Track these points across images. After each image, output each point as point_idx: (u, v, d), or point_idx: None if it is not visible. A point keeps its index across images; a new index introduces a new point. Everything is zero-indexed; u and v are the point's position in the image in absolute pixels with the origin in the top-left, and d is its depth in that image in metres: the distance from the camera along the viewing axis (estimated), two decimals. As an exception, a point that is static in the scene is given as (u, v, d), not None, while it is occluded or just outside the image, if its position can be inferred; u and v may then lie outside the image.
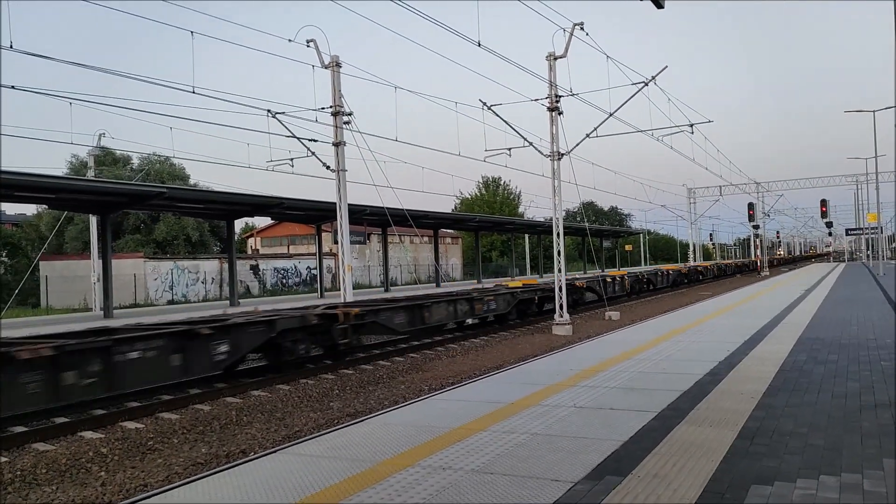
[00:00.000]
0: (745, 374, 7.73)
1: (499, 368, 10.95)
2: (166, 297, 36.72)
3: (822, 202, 56.83)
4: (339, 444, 5.38)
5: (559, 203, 19.80)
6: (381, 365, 14.29)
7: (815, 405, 6.10)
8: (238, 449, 8.22)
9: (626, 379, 7.68)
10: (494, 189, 73.46)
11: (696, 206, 63.11)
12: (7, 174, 15.29)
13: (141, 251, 39.05)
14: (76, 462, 7.90)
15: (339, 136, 19.15)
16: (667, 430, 5.34)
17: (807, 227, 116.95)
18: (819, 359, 8.64)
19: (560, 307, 19.56)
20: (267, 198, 23.15)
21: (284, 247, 55.98)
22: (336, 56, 18.82)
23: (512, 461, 4.70)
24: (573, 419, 5.86)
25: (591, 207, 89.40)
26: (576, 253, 66.81)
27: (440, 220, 33.14)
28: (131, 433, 9.15)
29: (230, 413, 10.13)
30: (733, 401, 6.32)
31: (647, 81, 19.53)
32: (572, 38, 18.39)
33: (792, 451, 4.72)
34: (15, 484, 7.24)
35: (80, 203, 20.13)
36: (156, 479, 7.17)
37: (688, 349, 9.95)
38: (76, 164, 41.05)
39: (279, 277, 45.26)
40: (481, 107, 20.10)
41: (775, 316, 14.44)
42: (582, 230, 37.61)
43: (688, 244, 68.19)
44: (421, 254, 58.00)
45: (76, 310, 30.06)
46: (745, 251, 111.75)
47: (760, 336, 11.09)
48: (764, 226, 68.28)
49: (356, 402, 10.74)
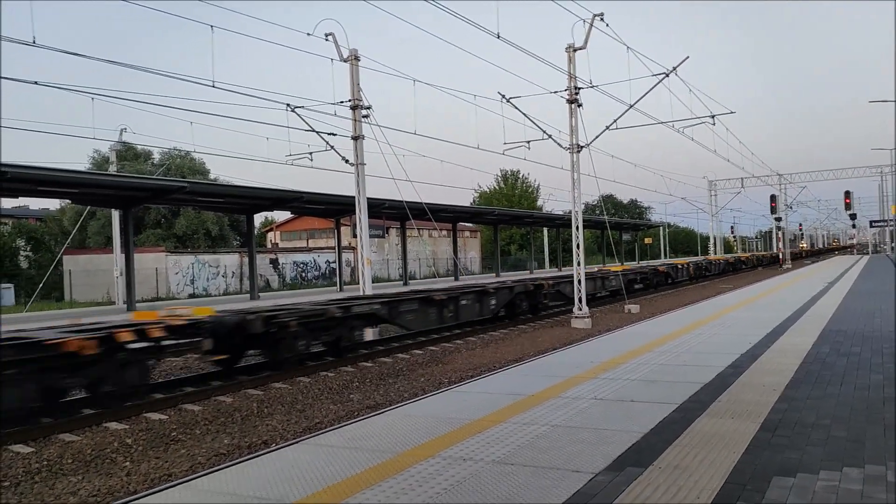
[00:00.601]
0: (767, 366, 7.67)
1: (518, 361, 10.95)
2: (187, 291, 37.12)
3: (846, 194, 56.07)
4: (359, 436, 5.42)
5: (578, 196, 19.71)
6: (399, 358, 14.35)
7: (838, 397, 6.04)
8: (260, 440, 8.31)
9: (646, 371, 7.65)
10: (513, 182, 73.26)
11: (718, 198, 62.51)
12: (31, 169, 15.52)
13: (162, 245, 39.47)
14: (101, 452, 8.03)
15: (357, 130, 19.19)
16: (688, 422, 5.32)
17: (830, 220, 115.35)
18: (842, 351, 8.55)
19: (579, 300, 19.50)
20: (286, 192, 23.27)
21: (304, 241, 56.26)
22: (355, 50, 18.84)
23: (532, 452, 4.71)
24: (593, 411, 5.86)
25: (611, 200, 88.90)
26: (595, 246, 66.50)
27: (459, 213, 33.09)
28: (155, 424, 9.28)
29: (251, 405, 10.24)
30: (755, 393, 6.28)
31: (668, 72, 19.35)
32: (592, 29, 18.27)
33: (815, 443, 4.68)
34: (42, 473, 7.38)
35: (102, 198, 20.38)
36: (179, 469, 7.27)
37: (709, 342, 9.89)
38: (98, 160, 41.54)
39: (298, 271, 45.53)
40: (500, 99, 20.05)
41: (797, 309, 14.29)
42: (601, 223, 37.40)
43: (708, 237, 67.60)
44: (439, 247, 58.04)
45: (99, 303, 30.48)
46: (767, 244, 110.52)
47: (782, 328, 10.99)
48: (786, 218, 67.48)
49: (376, 395, 10.80)
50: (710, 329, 11.39)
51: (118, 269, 26.16)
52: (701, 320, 12.82)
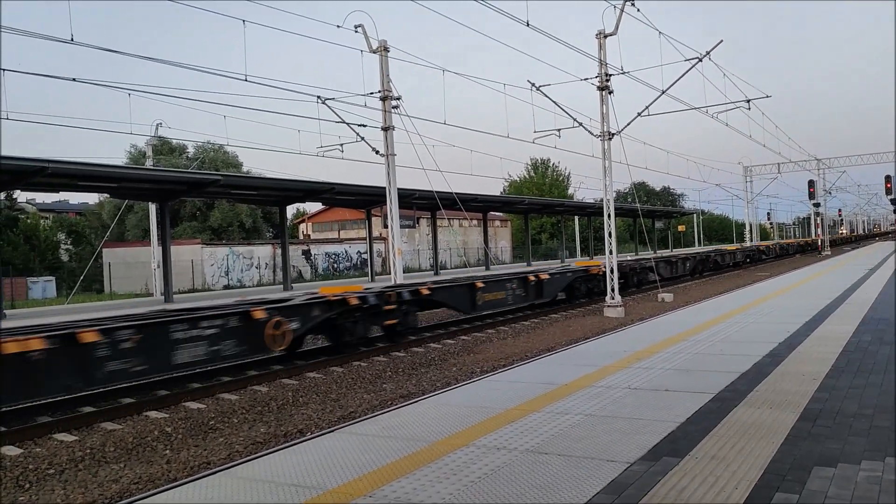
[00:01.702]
0: (807, 355, 7.53)
1: (550, 351, 10.91)
2: (222, 283, 37.69)
3: (887, 178, 54.55)
4: (393, 424, 5.46)
5: (610, 184, 19.52)
6: (432, 347, 14.40)
7: (880, 386, 5.91)
8: (295, 429, 8.42)
9: (681, 361, 7.57)
10: (543, 171, 72.75)
11: (753, 184, 61.34)
12: (71, 164, 15.85)
13: (198, 238, 40.10)
14: (142, 441, 8.22)
15: (387, 121, 19.23)
16: (725, 412, 5.25)
17: (870, 205, 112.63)
18: (885, 339, 8.35)
19: (612, 289, 19.35)
20: (318, 183, 23.43)
21: (335, 232, 56.69)
22: (384, 41, 18.83)
23: (566, 441, 4.70)
24: (628, 400, 5.82)
25: (643, 188, 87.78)
26: (627, 234, 65.82)
27: (489, 202, 33.00)
28: (193, 413, 9.46)
29: (286, 394, 10.38)
30: (794, 382, 6.17)
31: (702, 57, 19.02)
32: (623, 14, 18.02)
33: (856, 433, 4.59)
34: (85, 461, 7.57)
35: (140, 191, 20.73)
36: (218, 457, 7.41)
37: (745, 330, 9.74)
38: (135, 154, 42.30)
39: (330, 262, 45.93)
40: (530, 88, 19.91)
41: (837, 296, 13.99)
42: (633, 211, 36.98)
43: (744, 224, 66.45)
44: (470, 237, 57.99)
45: (138, 295, 31.13)
46: (805, 230, 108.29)
47: (822, 316, 10.77)
48: (825, 204, 65.96)
49: (408, 384, 10.86)
50: (747, 317, 11.21)
51: (155, 261, 26.66)
52: (737, 309, 12.63)
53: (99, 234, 39.75)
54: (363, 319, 13.71)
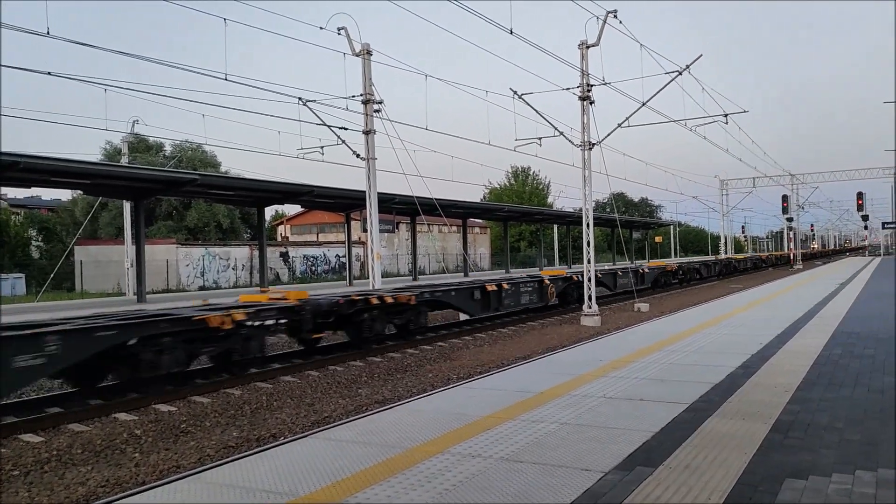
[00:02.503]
0: (779, 367, 7.62)
1: (527, 358, 10.92)
2: (198, 283, 37.27)
3: (859, 195, 55.65)
4: (368, 430, 5.42)
5: (589, 193, 19.64)
6: (408, 353, 14.36)
7: (851, 399, 5.98)
8: (269, 433, 8.33)
9: (656, 370, 7.61)
10: (523, 179, 73.10)
11: (729, 197, 62.15)
12: (44, 160, 15.57)
13: (173, 237, 39.64)
14: (111, 443, 8.07)
15: (369, 125, 19.18)
16: (698, 422, 5.28)
17: (842, 221, 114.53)
18: (855, 353, 8.47)
19: (588, 298, 19.45)
20: (297, 185, 23.28)
21: (314, 234, 56.40)
22: (367, 44, 18.80)
23: (542, 450, 4.69)
24: (603, 409, 5.83)
25: (622, 198, 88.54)
26: (605, 244, 66.27)
27: (469, 209, 33.02)
28: (164, 416, 9.32)
29: (261, 398, 10.27)
30: (767, 394, 6.23)
31: (681, 70, 19.24)
32: (606, 26, 18.17)
33: (827, 445, 4.64)
34: (51, 463, 7.42)
35: (115, 189, 20.43)
36: (188, 461, 7.30)
37: (719, 341, 9.83)
38: (110, 151, 41.74)
39: (308, 265, 45.65)
40: (512, 95, 20.00)
41: (809, 309, 14.18)
42: (612, 221, 37.25)
43: (719, 236, 67.23)
44: (449, 243, 58.01)
45: (109, 294, 30.66)
46: (778, 244, 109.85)
47: (794, 329, 10.91)
48: (798, 218, 66.99)
49: (384, 390, 10.81)
50: (721, 329, 11.32)
51: (129, 260, 26.28)
52: (711, 320, 12.75)
53: (71, 231, 39.11)
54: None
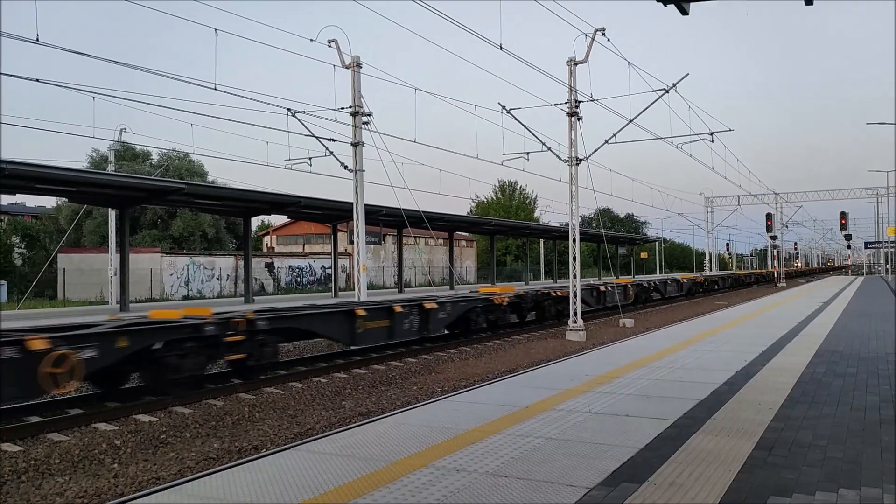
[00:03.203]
0: (763, 384, 7.64)
1: (512, 372, 10.89)
2: (181, 293, 36.97)
3: (842, 214, 56.34)
4: (352, 443, 5.37)
5: (576, 208, 19.72)
6: (393, 365, 14.28)
7: (834, 417, 6.01)
8: (250, 445, 8.23)
9: (641, 386, 7.61)
10: (511, 193, 73.41)
11: (714, 215, 62.70)
12: (28, 166, 15.46)
13: (157, 246, 39.35)
14: (89, 453, 7.94)
15: (357, 137, 19.18)
16: (683, 439, 5.28)
17: (825, 240, 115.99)
18: (838, 371, 8.52)
19: (574, 313, 19.47)
20: (284, 196, 23.25)
21: (300, 245, 56.16)
22: (357, 56, 18.84)
23: (526, 465, 4.66)
24: (588, 424, 5.81)
25: (608, 214, 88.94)
26: (591, 259, 66.56)
27: (456, 222, 33.10)
28: (144, 426, 9.19)
29: (243, 409, 10.16)
30: (751, 411, 6.24)
31: (668, 88, 19.42)
32: (594, 43, 18.33)
33: (811, 464, 4.65)
34: (28, 473, 7.29)
35: (100, 197, 20.32)
36: (168, 473, 7.19)
37: (704, 358, 9.85)
38: (97, 159, 41.46)
39: (294, 276, 45.43)
40: (500, 110, 20.08)
41: (793, 327, 14.28)
42: (598, 236, 37.44)
43: (704, 253, 67.69)
44: (435, 256, 57.99)
45: (92, 302, 30.32)
46: (762, 262, 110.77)
47: (778, 347, 10.96)
48: (782, 237, 67.60)
49: (368, 402, 10.73)
50: (706, 345, 11.36)
51: (112, 268, 26.06)
52: (696, 336, 12.80)
53: (55, 238, 38.74)
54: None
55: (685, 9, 10.13)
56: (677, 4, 9.98)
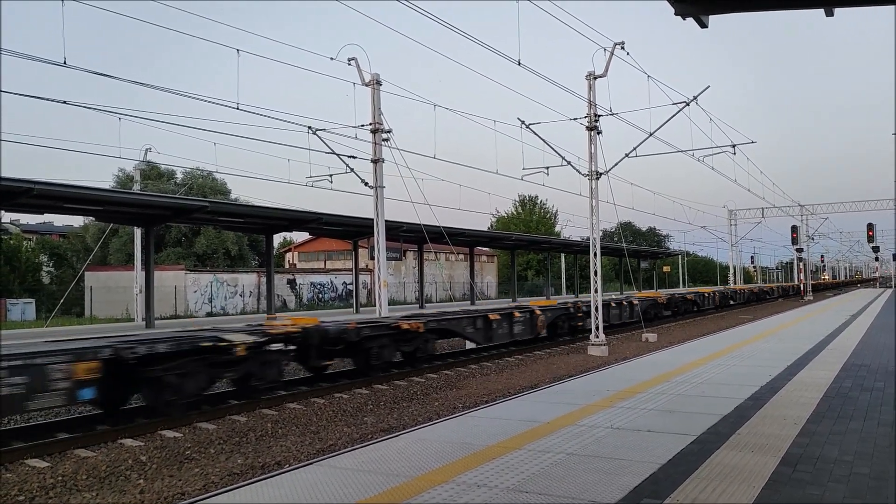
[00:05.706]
0: (788, 399, 7.55)
1: (534, 388, 10.86)
2: (205, 310, 37.34)
3: (869, 226, 55.45)
4: (373, 459, 5.39)
5: (597, 223, 19.66)
6: (414, 381, 14.29)
7: (860, 433, 5.92)
8: (273, 460, 8.28)
9: (664, 401, 7.56)
10: (531, 208, 73.26)
11: (738, 227, 62.03)
12: (57, 186, 15.75)
13: (182, 264, 39.83)
14: (116, 469, 8.04)
15: (377, 153, 19.33)
16: (706, 455, 5.23)
17: (852, 252, 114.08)
18: (865, 385, 8.40)
19: (596, 328, 19.36)
20: (305, 213, 23.39)
21: (321, 262, 56.50)
22: (377, 74, 19.04)
23: (547, 481, 4.66)
24: (610, 440, 5.79)
25: (629, 227, 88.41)
26: (612, 273, 66.10)
27: (476, 237, 33.05)
28: (169, 442, 9.29)
29: (266, 425, 10.23)
30: (776, 426, 6.17)
31: (689, 101, 19.36)
32: (613, 57, 18.35)
33: (837, 480, 4.59)
34: (56, 489, 7.40)
35: (125, 215, 20.61)
36: (193, 488, 7.26)
37: (728, 373, 9.75)
38: (123, 178, 42.14)
39: (315, 292, 45.69)
40: (520, 125, 20.14)
41: (819, 341, 14.07)
42: (619, 250, 37.21)
43: (728, 267, 66.99)
44: (456, 271, 58.00)
45: (118, 319, 30.72)
46: (788, 275, 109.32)
47: (804, 361, 10.82)
48: (808, 249, 66.73)
49: (390, 418, 10.75)
50: (730, 360, 11.24)
51: (138, 286, 26.39)
52: (720, 351, 12.67)
53: (81, 257, 39.38)
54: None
55: (704, 21, 10.13)
56: (696, 18, 9.99)
